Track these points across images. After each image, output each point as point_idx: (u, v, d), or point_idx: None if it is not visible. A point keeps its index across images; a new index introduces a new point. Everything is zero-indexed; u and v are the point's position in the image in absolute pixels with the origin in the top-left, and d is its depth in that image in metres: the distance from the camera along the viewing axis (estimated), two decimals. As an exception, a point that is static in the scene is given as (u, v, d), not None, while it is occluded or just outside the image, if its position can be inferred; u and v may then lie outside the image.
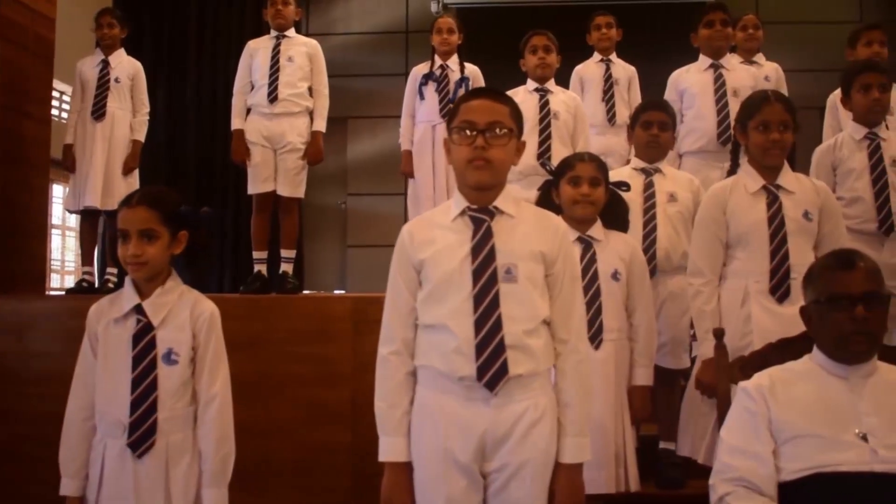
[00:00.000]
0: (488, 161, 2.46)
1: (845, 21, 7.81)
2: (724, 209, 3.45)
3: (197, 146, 8.28)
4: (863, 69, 3.96)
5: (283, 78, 5.27)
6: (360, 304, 4.62)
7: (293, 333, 4.62)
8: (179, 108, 8.30)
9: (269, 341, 4.64)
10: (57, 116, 6.58)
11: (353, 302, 4.67)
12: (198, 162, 8.28)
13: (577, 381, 2.53)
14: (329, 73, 5.50)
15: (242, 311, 4.95)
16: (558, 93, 4.98)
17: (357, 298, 4.83)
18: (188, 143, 8.32)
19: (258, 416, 4.47)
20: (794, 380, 2.58)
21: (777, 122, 3.37)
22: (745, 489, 2.46)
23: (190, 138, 8.31)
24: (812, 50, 7.69)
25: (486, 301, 2.44)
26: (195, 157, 8.30)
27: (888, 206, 3.84)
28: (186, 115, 8.32)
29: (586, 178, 3.41)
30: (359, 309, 4.56)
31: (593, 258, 3.40)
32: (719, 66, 4.85)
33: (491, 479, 2.46)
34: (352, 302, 4.67)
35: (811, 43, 8.04)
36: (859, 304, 2.49)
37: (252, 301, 5.13)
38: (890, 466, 2.38)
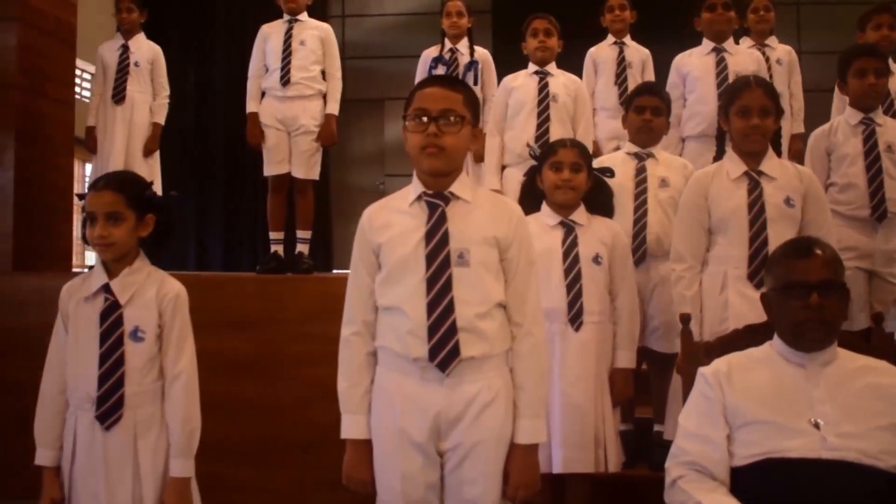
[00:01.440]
0: (441, 148, 2.52)
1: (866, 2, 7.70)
2: (706, 195, 3.46)
3: (226, 129, 8.40)
4: (859, 53, 3.91)
5: (295, 61, 5.35)
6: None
7: (305, 313, 4.70)
8: (208, 92, 8.43)
9: (281, 321, 4.73)
10: (79, 95, 6.72)
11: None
12: (226, 144, 8.40)
13: (532, 364, 2.59)
14: (365, 54, 5.58)
15: (257, 290, 5.06)
16: (559, 76, 4.99)
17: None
18: (217, 126, 8.45)
19: (269, 394, 4.58)
20: (753, 366, 2.60)
21: (757, 108, 3.36)
22: (697, 473, 2.49)
23: (219, 121, 8.43)
24: (833, 31, 7.57)
25: (439, 284, 2.50)
26: (223, 139, 8.42)
27: (881, 193, 3.79)
28: (215, 99, 8.44)
29: (568, 163, 3.44)
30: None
31: (574, 242, 3.43)
32: (722, 49, 4.82)
33: (446, 457, 2.54)
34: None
35: (832, 25, 7.93)
36: (815, 292, 2.50)
37: (267, 281, 5.23)
38: (838, 454, 2.38)
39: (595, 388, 3.38)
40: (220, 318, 4.88)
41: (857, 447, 2.39)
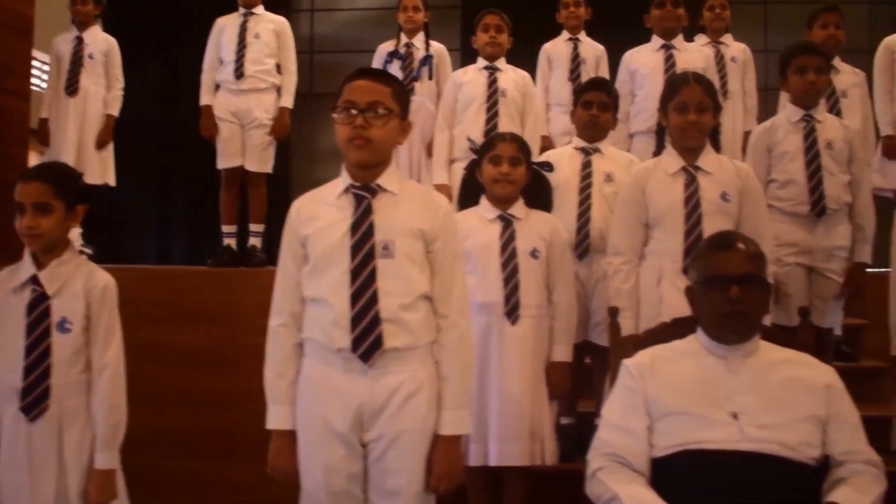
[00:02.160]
0: (368, 140, 2.54)
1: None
2: (644, 190, 3.48)
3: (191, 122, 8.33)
4: (800, 51, 3.93)
5: (249, 54, 5.35)
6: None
7: (259, 306, 4.65)
8: (173, 86, 8.37)
9: (234, 314, 4.73)
10: (38, 87, 6.66)
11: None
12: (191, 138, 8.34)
13: (457, 356, 2.61)
14: (333, 48, 5.55)
15: (210, 283, 5.06)
16: (508, 71, 5.01)
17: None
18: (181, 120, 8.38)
19: (223, 387, 4.57)
20: (676, 358, 2.62)
21: (695, 104, 3.39)
22: (617, 464, 2.50)
23: (183, 115, 8.37)
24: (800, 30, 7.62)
25: (363, 276, 2.52)
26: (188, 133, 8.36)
27: (821, 189, 3.81)
28: (180, 93, 8.38)
29: (506, 157, 3.45)
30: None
31: (512, 236, 3.44)
32: (671, 46, 4.84)
33: (370, 448, 2.55)
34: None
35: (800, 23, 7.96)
36: (735, 285, 2.51)
37: (220, 274, 5.23)
38: (756, 445, 2.40)
39: (532, 382, 3.40)
40: (173, 311, 4.89)
41: (776, 438, 2.41)
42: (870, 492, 2.40)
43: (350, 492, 2.55)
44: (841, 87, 4.91)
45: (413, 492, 2.54)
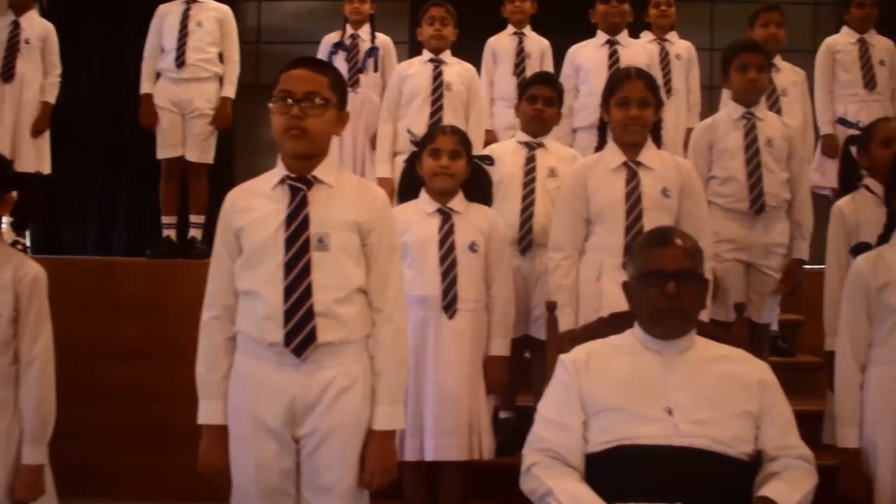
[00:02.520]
0: (304, 130, 2.50)
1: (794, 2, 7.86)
2: (585, 185, 3.47)
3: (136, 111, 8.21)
4: (741, 49, 3.94)
5: (191, 43, 5.27)
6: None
7: (197, 299, 4.59)
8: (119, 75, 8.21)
9: (172, 306, 4.67)
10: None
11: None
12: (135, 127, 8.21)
13: (391, 350, 2.59)
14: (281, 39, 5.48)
15: (148, 275, 4.99)
16: (453, 64, 4.99)
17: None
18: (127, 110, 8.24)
19: (161, 380, 4.51)
20: (612, 353, 2.61)
21: (637, 99, 3.39)
22: (551, 459, 2.49)
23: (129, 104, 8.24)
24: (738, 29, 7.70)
25: (297, 269, 2.48)
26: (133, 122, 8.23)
27: (760, 186, 3.83)
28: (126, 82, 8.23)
29: (446, 150, 3.43)
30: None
31: (451, 230, 3.42)
32: (615, 42, 4.84)
33: (302, 443, 2.52)
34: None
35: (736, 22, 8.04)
36: (672, 281, 2.51)
37: (159, 266, 5.16)
38: (689, 441, 2.41)
39: (469, 376, 3.39)
40: (110, 303, 4.83)
41: (709, 434, 2.42)
42: (801, 486, 2.41)
43: (282, 488, 2.51)
44: (781, 85, 4.94)
45: (345, 488, 2.51)
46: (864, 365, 2.84)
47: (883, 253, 2.85)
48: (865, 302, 2.82)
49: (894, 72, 5.46)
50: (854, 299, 2.85)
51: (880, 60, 5.39)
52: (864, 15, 5.43)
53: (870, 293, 2.81)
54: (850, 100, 5.39)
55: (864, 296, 2.82)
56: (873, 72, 5.36)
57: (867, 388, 2.82)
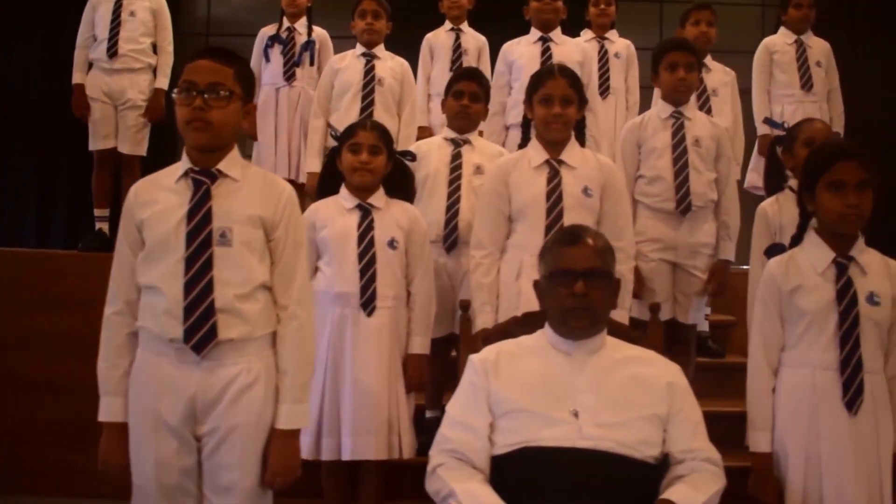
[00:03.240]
0: (208, 122, 2.45)
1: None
2: (507, 182, 3.45)
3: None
4: (670, 47, 3.93)
5: (123, 33, 5.20)
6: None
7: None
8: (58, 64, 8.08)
9: (103, 300, 4.57)
10: None
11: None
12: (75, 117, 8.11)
13: (296, 348, 2.55)
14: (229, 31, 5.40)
15: (80, 268, 4.91)
16: (386, 59, 4.94)
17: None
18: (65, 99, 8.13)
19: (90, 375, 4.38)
20: (522, 354, 2.60)
21: (559, 97, 3.37)
22: (457, 461, 2.48)
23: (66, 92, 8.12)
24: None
25: (198, 264, 2.44)
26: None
27: (687, 186, 3.82)
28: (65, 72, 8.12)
29: (366, 145, 3.39)
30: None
31: (370, 226, 3.39)
32: (548, 39, 4.80)
33: (203, 441, 2.48)
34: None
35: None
36: (580, 280, 2.50)
37: (90, 258, 5.07)
38: (593, 443, 2.40)
39: (388, 374, 3.35)
40: (42, 296, 4.76)
41: (614, 437, 2.42)
42: (705, 489, 2.41)
43: (182, 486, 2.47)
44: (712, 85, 4.94)
45: (247, 487, 2.47)
46: (777, 368, 2.83)
47: (795, 255, 2.85)
48: (777, 305, 2.82)
49: (831, 73, 5.49)
50: (766, 302, 2.84)
51: (817, 61, 5.41)
52: (801, 16, 5.45)
53: (782, 296, 2.80)
54: (786, 100, 5.41)
55: (776, 299, 2.82)
56: (810, 73, 5.38)
57: (779, 392, 2.82)
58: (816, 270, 2.77)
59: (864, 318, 2.71)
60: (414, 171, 3.93)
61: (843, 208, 2.71)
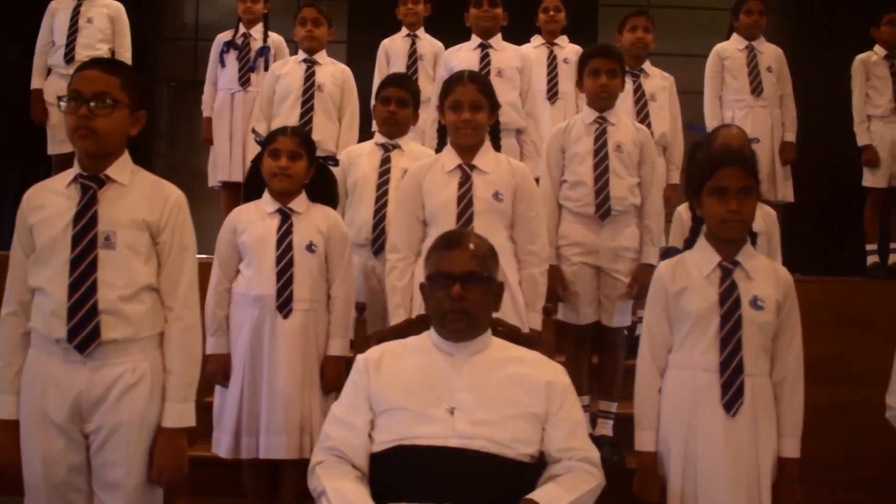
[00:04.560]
0: (93, 130, 2.54)
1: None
2: (421, 187, 3.50)
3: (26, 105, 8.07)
4: (594, 54, 3.97)
5: (81, 39, 5.31)
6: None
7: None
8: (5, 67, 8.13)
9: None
10: None
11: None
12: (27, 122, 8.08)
13: (181, 348, 2.62)
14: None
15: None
16: (327, 64, 5.02)
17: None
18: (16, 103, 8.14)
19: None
20: (405, 354, 2.65)
21: (469, 102, 3.42)
22: (336, 458, 2.53)
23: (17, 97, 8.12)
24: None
25: (82, 266, 2.52)
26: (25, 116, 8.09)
27: (607, 191, 3.85)
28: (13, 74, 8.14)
29: (285, 151, 3.45)
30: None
31: (289, 230, 3.44)
32: (487, 46, 4.86)
33: (91, 439, 2.55)
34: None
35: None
36: (458, 283, 2.55)
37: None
38: (465, 442, 2.44)
39: (303, 376, 3.40)
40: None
41: (487, 435, 2.45)
42: (575, 489, 2.45)
43: (71, 483, 2.54)
44: (650, 90, 4.97)
45: (133, 484, 2.54)
46: (664, 369, 2.88)
47: (684, 258, 2.90)
48: (665, 307, 2.86)
49: (783, 79, 5.51)
50: (654, 304, 2.89)
51: (768, 67, 5.43)
52: (751, 22, 5.47)
53: (669, 298, 2.85)
54: (737, 105, 5.44)
55: (664, 301, 2.86)
56: (760, 78, 5.40)
57: (664, 393, 2.86)
58: (702, 273, 2.82)
59: (746, 321, 2.76)
60: (345, 175, 4.01)
61: (724, 214, 2.76)
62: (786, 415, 2.81)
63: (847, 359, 4.54)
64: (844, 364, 4.55)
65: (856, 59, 5.71)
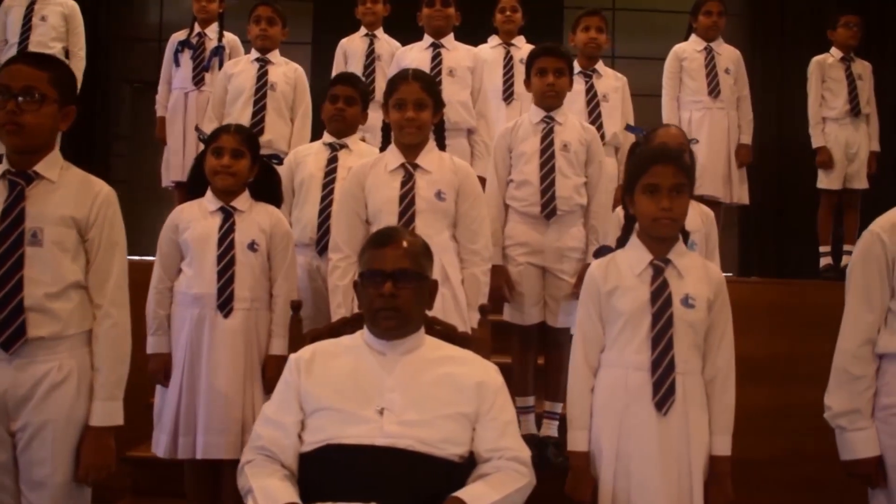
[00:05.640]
0: (20, 125, 2.52)
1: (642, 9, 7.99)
2: (363, 185, 3.49)
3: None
4: (541, 53, 3.97)
5: (34, 37, 5.31)
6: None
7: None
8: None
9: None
10: None
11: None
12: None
13: (109, 346, 2.61)
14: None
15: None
16: (280, 64, 5.02)
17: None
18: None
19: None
20: (338, 353, 2.64)
21: (412, 101, 3.40)
22: (265, 457, 2.52)
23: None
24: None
25: (9, 263, 2.50)
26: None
27: (552, 191, 3.85)
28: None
29: (228, 149, 3.44)
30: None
31: (231, 228, 3.43)
32: (439, 45, 4.86)
33: (17, 438, 2.53)
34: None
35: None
36: (388, 281, 2.54)
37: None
38: (392, 441, 2.44)
39: (243, 375, 3.39)
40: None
41: (416, 435, 2.45)
42: (503, 488, 2.44)
43: None
44: (602, 90, 4.95)
45: (59, 482, 2.53)
46: (597, 369, 2.87)
47: (616, 257, 2.89)
48: (597, 306, 2.85)
49: (740, 80, 5.53)
50: (587, 304, 2.88)
51: (725, 69, 5.46)
52: (710, 23, 5.50)
53: (601, 297, 2.84)
54: (694, 107, 5.47)
55: (596, 300, 2.85)
56: (718, 79, 5.43)
57: (596, 392, 2.84)
58: (634, 272, 2.81)
59: (678, 320, 2.75)
60: (293, 174, 4.00)
61: (656, 212, 2.75)
62: (717, 413, 2.80)
63: (799, 359, 4.55)
64: (795, 365, 4.57)
65: (812, 61, 5.76)
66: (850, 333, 2.83)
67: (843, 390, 2.81)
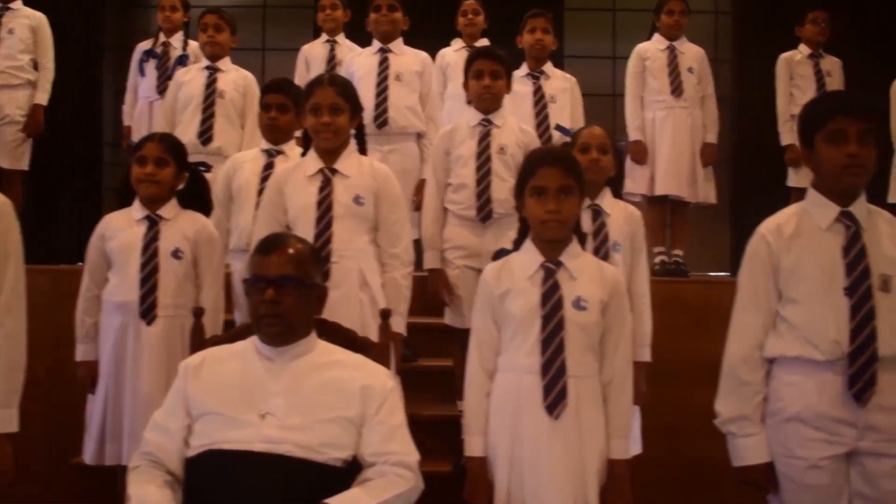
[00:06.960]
0: None
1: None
2: (283, 191, 3.50)
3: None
4: (477, 55, 3.98)
5: (2, 50, 5.36)
6: (62, 275, 4.72)
7: None
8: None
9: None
10: None
11: (53, 274, 4.76)
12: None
13: (3, 355, 2.64)
14: None
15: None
16: (230, 71, 5.06)
17: (59, 271, 4.92)
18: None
19: None
20: (226, 358, 2.64)
21: (327, 106, 3.41)
22: (150, 463, 2.54)
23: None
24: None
25: None
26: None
27: (488, 194, 3.86)
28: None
29: (151, 157, 3.47)
30: (60, 280, 4.63)
31: (156, 236, 3.47)
32: (387, 50, 4.88)
33: None
34: (52, 274, 4.76)
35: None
36: (270, 288, 2.55)
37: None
38: (270, 446, 2.43)
39: (167, 381, 3.37)
40: None
41: (294, 440, 2.44)
42: (384, 492, 2.43)
43: None
44: (550, 91, 4.94)
45: None
46: (493, 373, 2.86)
47: (510, 260, 2.88)
48: (491, 309, 2.83)
49: (704, 79, 5.49)
50: (481, 307, 2.87)
51: (689, 68, 5.41)
52: (672, 23, 5.45)
53: (494, 300, 2.83)
54: (657, 106, 5.42)
55: (490, 303, 2.83)
56: (680, 79, 5.38)
57: (492, 397, 2.83)
58: (525, 275, 2.80)
59: (569, 322, 2.73)
60: (230, 181, 4.02)
61: (543, 214, 2.74)
62: (614, 416, 2.78)
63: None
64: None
65: (779, 58, 5.71)
66: (739, 337, 2.79)
67: (732, 396, 2.77)
